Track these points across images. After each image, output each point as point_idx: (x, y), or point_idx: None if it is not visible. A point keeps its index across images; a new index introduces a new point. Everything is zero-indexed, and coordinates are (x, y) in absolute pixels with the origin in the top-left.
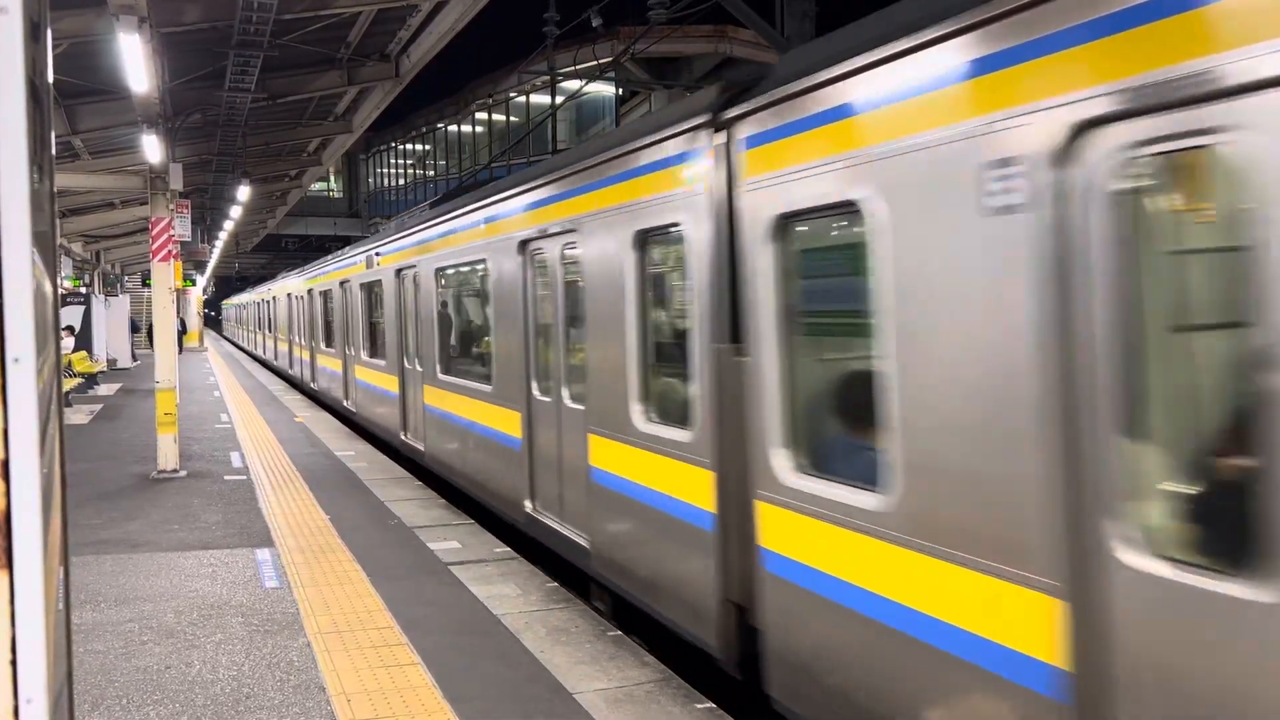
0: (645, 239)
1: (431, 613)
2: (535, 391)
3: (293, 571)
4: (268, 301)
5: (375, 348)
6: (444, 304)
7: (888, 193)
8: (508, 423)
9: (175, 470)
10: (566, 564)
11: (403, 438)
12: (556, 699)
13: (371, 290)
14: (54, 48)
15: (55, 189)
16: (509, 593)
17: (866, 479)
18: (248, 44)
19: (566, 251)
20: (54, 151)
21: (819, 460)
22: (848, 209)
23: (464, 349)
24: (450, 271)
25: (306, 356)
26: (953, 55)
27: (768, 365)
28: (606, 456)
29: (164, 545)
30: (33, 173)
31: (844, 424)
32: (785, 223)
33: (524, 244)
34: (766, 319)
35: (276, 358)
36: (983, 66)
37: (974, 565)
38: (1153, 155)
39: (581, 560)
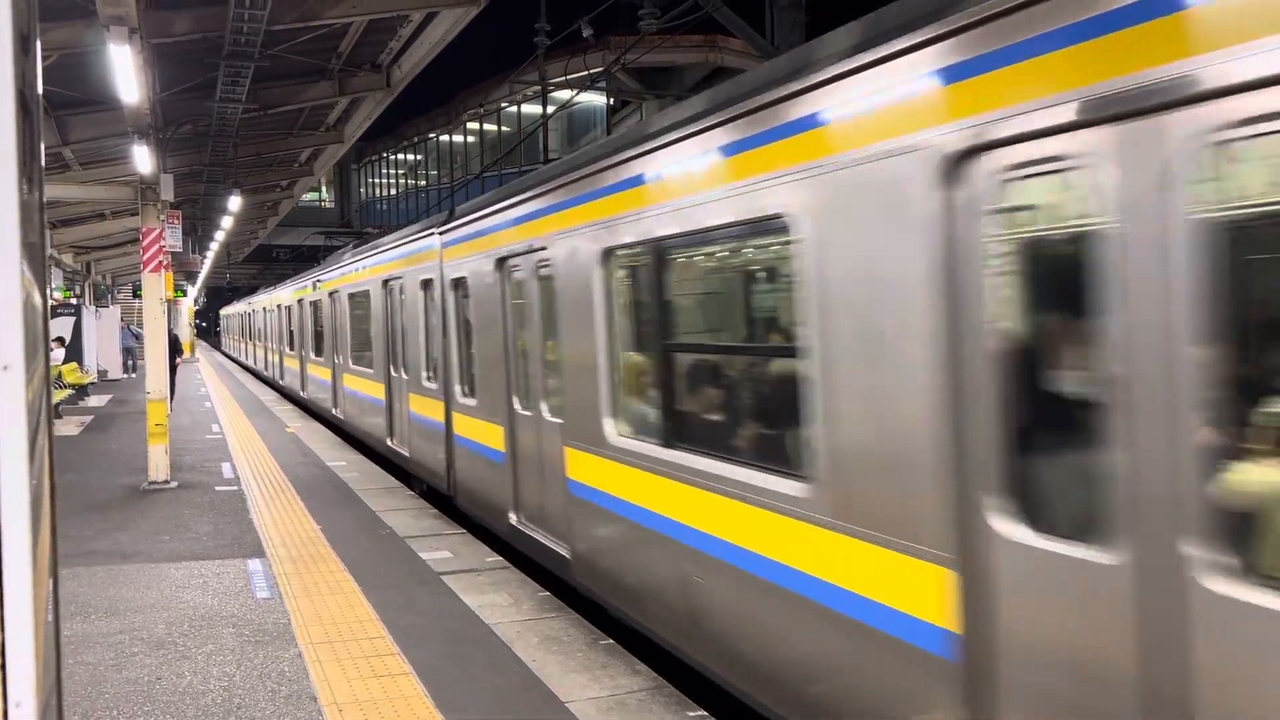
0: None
1: (423, 622)
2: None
3: (284, 582)
4: (289, 308)
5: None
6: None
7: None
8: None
9: (166, 481)
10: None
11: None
12: (548, 707)
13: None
14: (44, 59)
15: (45, 200)
16: (501, 602)
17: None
18: (239, 55)
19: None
20: (44, 162)
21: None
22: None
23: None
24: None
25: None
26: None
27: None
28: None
29: (155, 556)
30: (22, 183)
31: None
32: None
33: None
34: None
35: (305, 388)
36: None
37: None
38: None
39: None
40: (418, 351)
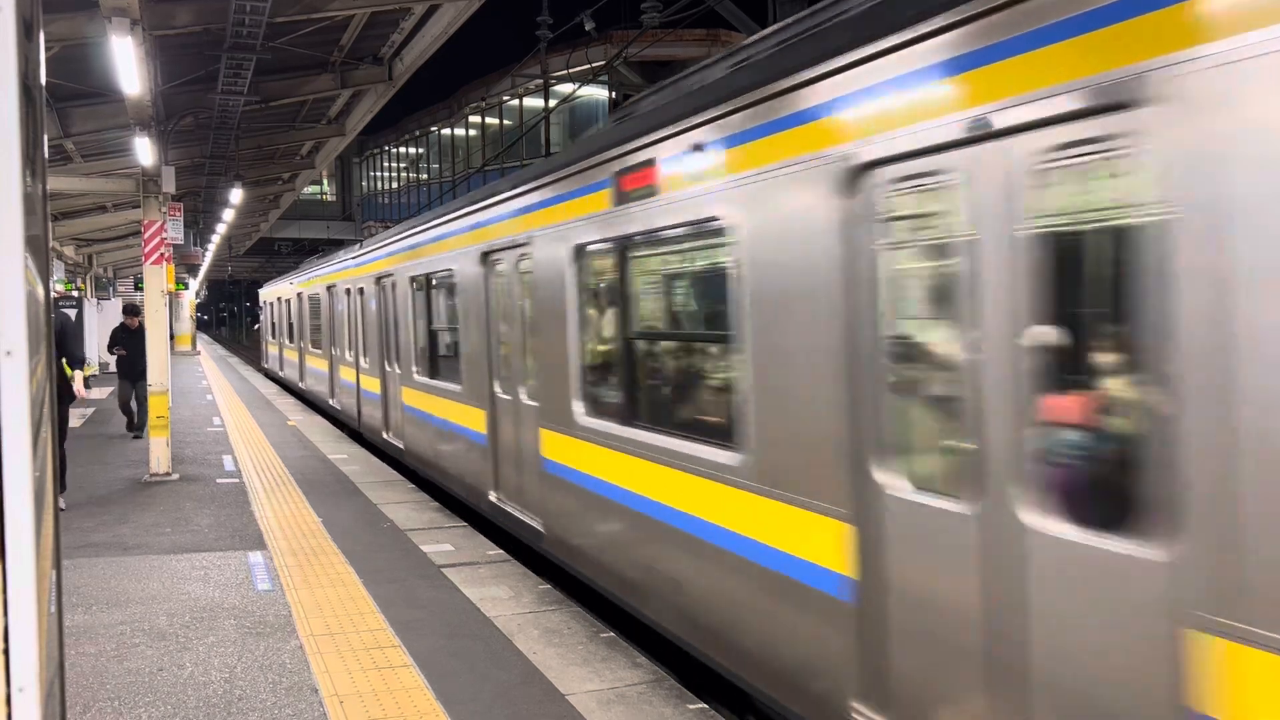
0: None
1: (424, 615)
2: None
3: (285, 574)
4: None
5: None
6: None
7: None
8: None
9: (167, 474)
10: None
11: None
12: (549, 700)
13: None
14: (46, 50)
15: (48, 191)
16: (502, 595)
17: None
18: (240, 47)
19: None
20: (47, 154)
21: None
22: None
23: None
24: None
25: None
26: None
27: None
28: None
29: (156, 548)
30: (25, 172)
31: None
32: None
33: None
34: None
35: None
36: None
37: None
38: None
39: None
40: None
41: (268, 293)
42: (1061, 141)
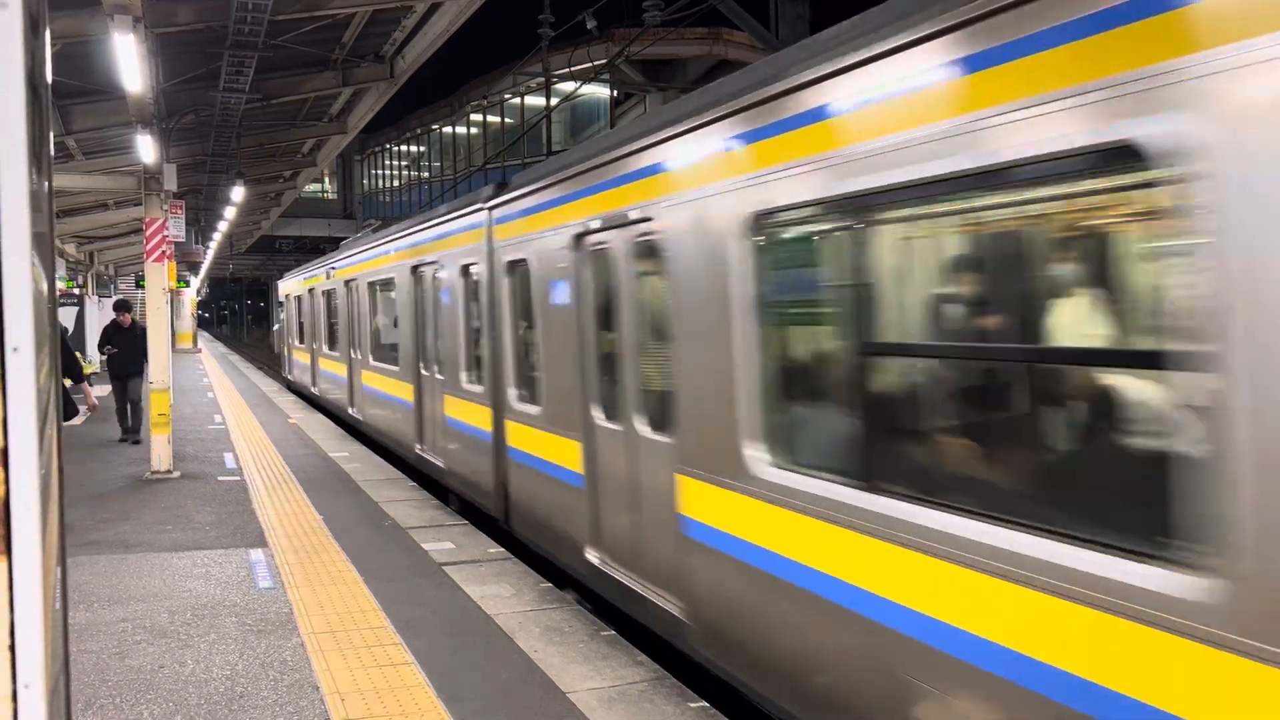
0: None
1: (425, 613)
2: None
3: (286, 572)
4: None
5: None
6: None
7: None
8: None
9: (169, 471)
10: (554, 564)
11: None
12: (550, 698)
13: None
14: (50, 48)
15: (52, 189)
16: (503, 593)
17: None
18: (242, 45)
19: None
20: (51, 150)
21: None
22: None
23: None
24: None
25: None
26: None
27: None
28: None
29: (157, 546)
30: (32, 169)
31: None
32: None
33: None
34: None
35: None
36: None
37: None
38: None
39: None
40: None
41: (293, 285)
42: None
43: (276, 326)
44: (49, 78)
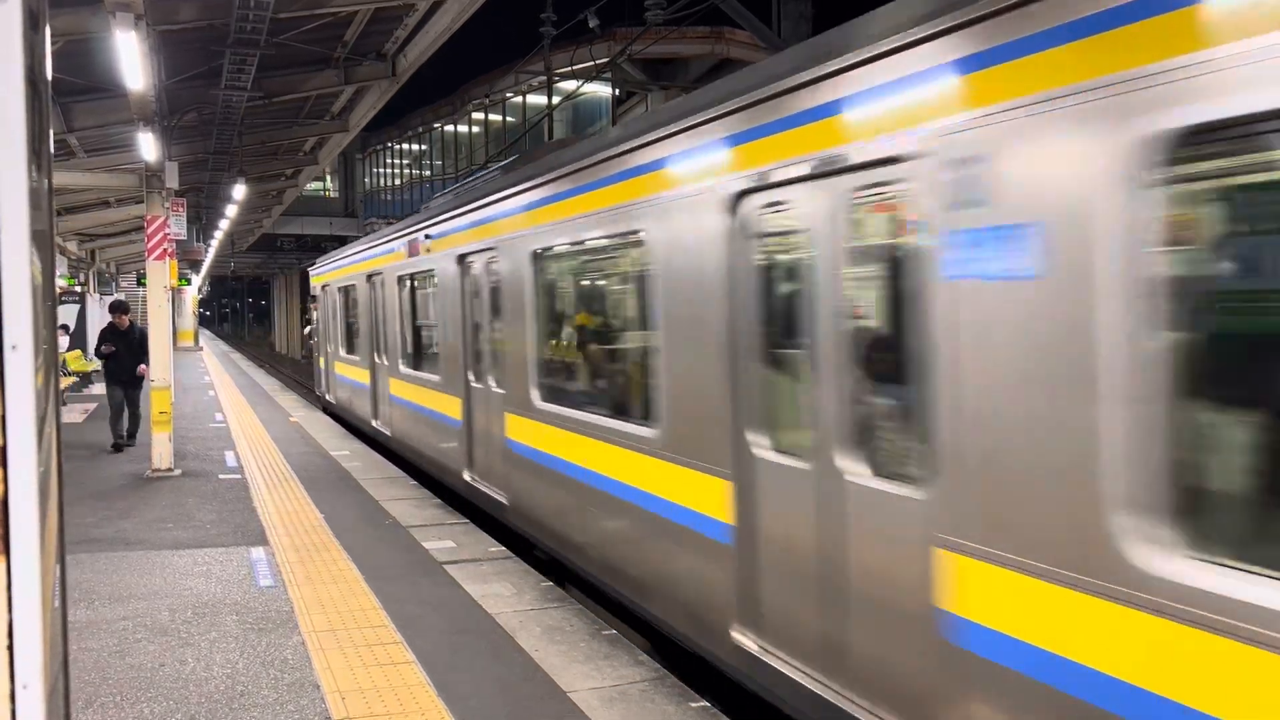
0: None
1: (426, 611)
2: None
3: (287, 570)
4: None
5: None
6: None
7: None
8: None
9: (170, 469)
10: (557, 561)
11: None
12: (551, 697)
13: None
14: (50, 45)
15: (52, 186)
16: (504, 592)
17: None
18: (244, 42)
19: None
20: (52, 148)
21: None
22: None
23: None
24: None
25: None
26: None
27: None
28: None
29: (158, 544)
30: (31, 167)
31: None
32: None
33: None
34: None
35: None
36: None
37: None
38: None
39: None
40: None
41: (344, 268)
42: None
43: (308, 330)
44: (49, 74)
